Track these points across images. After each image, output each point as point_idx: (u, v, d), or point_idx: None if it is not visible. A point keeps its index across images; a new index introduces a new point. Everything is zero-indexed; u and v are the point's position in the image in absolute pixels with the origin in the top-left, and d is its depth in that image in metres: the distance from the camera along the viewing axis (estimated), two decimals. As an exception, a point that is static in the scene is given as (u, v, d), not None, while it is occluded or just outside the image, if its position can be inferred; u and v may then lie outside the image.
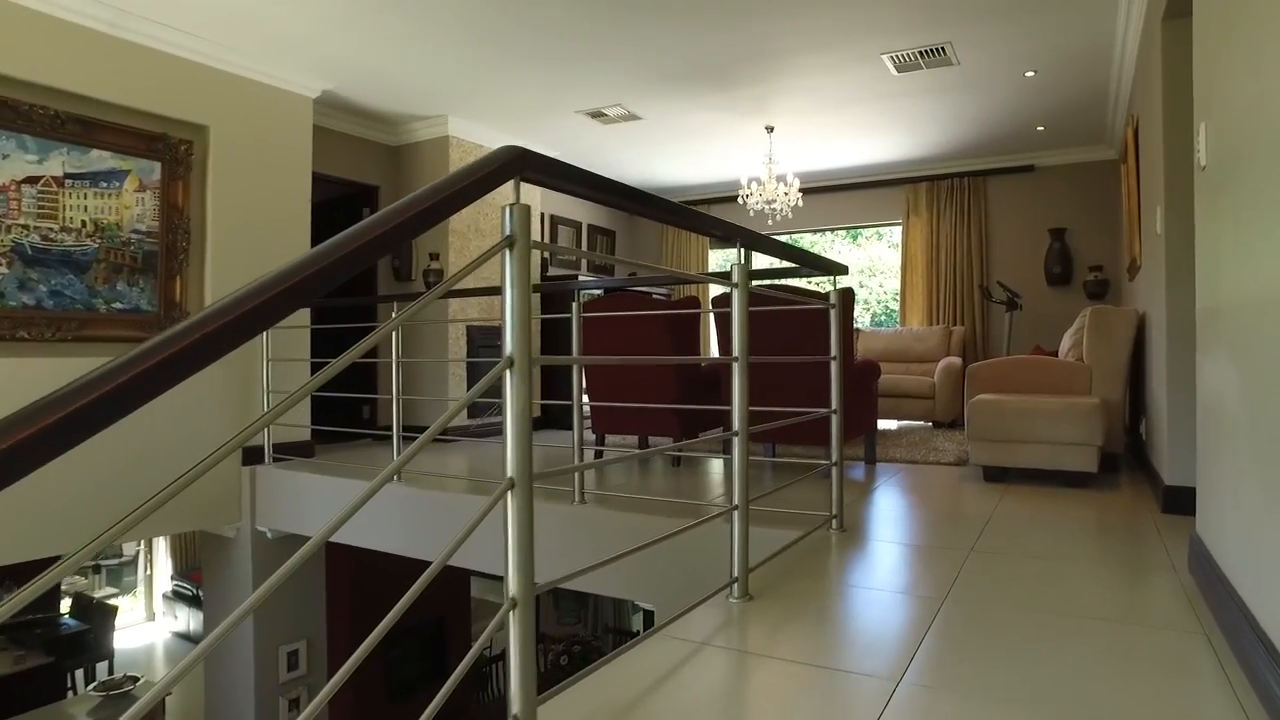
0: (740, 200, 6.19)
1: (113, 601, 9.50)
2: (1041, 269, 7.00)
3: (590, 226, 8.52)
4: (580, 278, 7.09)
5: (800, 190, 8.07)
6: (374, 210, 6.28)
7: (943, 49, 4.79)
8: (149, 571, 10.93)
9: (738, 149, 6.89)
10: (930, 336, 7.05)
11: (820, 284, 6.45)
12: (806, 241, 8.40)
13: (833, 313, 2.97)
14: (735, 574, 2.16)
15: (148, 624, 10.55)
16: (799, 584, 2.33)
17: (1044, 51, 4.81)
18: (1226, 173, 1.88)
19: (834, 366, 2.98)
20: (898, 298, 7.72)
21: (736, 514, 2.17)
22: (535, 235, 7.37)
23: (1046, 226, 6.99)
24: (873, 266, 13.63)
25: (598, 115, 5.97)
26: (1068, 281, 6.88)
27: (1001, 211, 7.20)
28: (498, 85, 5.39)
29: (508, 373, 1.27)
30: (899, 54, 4.85)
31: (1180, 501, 3.19)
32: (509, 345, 1.27)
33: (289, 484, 4.68)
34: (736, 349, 2.19)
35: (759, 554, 2.47)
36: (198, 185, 4.67)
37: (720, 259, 9.09)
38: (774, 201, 6.20)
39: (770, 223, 6.58)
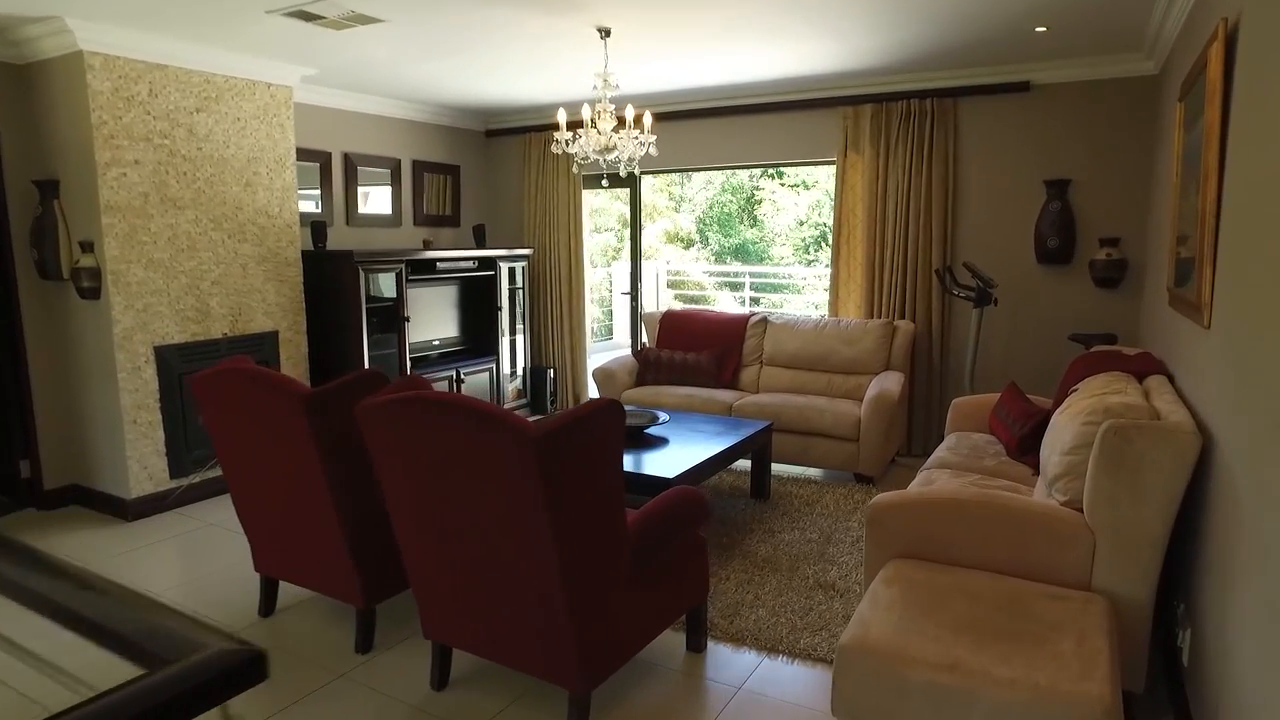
0: (557, 148, 3.91)
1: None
2: (1031, 238, 4.79)
3: (417, 164, 6.18)
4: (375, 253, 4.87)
5: (677, 115, 5.75)
6: (-3, 168, 4.01)
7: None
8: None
9: (561, 60, 4.53)
10: (865, 336, 4.91)
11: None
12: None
13: None
14: None
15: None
16: None
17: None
18: None
19: None
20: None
21: None
22: (306, 184, 5.12)
23: (1042, 176, 4.73)
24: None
25: (307, 17, 3.61)
26: (1067, 259, 4.69)
27: (978, 150, 4.92)
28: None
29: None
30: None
31: None
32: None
33: None
34: None
35: None
36: None
37: (600, 199, 6.81)
38: (612, 150, 3.93)
39: (605, 183, 4.26)
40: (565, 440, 1.93)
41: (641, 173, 6.15)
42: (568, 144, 3.91)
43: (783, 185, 13.51)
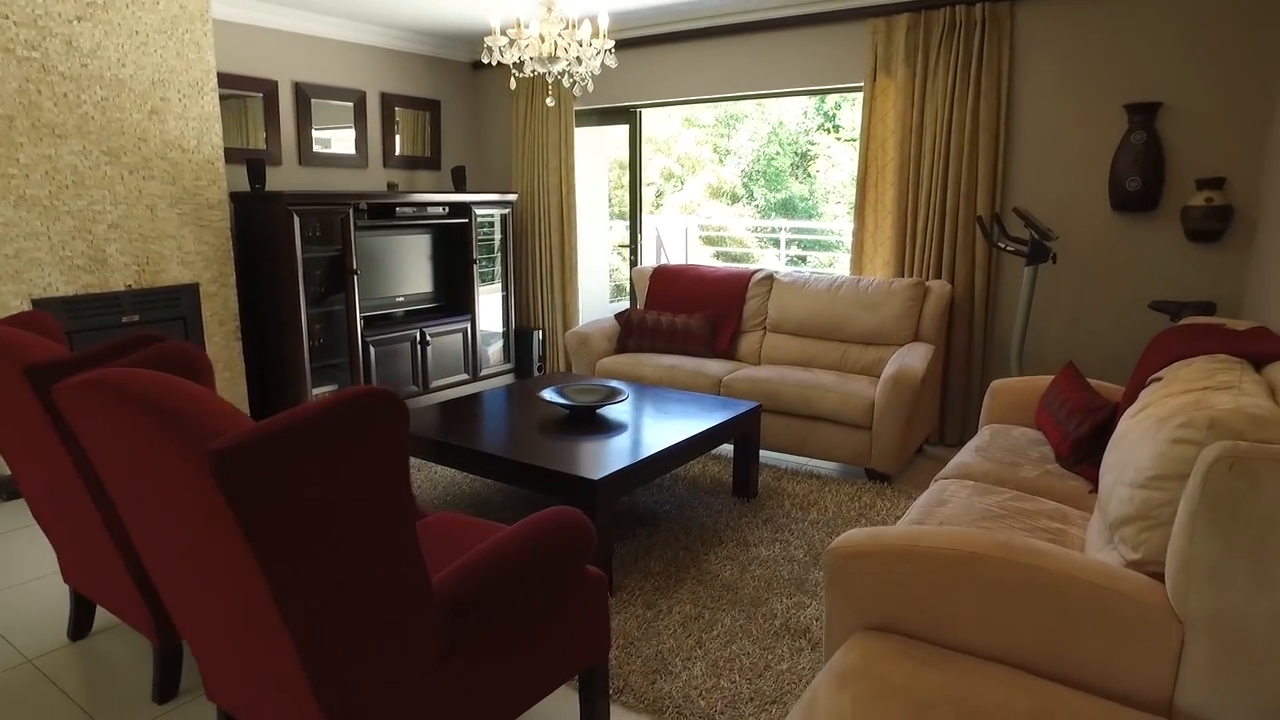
0: (487, 56, 3.09)
1: None
2: (1105, 178, 3.79)
3: (386, 97, 5.43)
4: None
5: (674, 36, 4.86)
6: None
7: None
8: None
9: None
10: (888, 299, 4.01)
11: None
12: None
13: None
14: None
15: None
16: None
17: None
18: None
19: None
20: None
21: None
22: (249, 118, 4.43)
23: (1123, 99, 3.71)
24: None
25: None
26: (1152, 205, 3.68)
27: (1040, 67, 3.91)
28: None
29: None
30: None
31: None
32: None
33: None
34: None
35: None
36: None
37: (594, 137, 5.97)
38: (556, 62, 3.10)
39: (550, 101, 3.41)
40: (273, 455, 1.16)
41: (639, 106, 5.31)
42: (501, 51, 3.10)
43: (839, 140, 12.38)
